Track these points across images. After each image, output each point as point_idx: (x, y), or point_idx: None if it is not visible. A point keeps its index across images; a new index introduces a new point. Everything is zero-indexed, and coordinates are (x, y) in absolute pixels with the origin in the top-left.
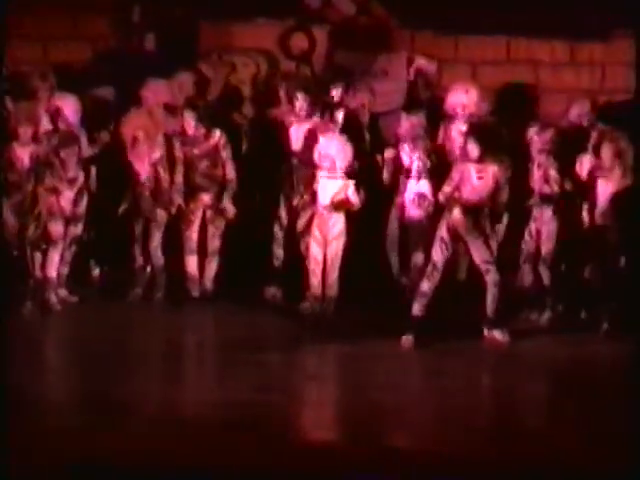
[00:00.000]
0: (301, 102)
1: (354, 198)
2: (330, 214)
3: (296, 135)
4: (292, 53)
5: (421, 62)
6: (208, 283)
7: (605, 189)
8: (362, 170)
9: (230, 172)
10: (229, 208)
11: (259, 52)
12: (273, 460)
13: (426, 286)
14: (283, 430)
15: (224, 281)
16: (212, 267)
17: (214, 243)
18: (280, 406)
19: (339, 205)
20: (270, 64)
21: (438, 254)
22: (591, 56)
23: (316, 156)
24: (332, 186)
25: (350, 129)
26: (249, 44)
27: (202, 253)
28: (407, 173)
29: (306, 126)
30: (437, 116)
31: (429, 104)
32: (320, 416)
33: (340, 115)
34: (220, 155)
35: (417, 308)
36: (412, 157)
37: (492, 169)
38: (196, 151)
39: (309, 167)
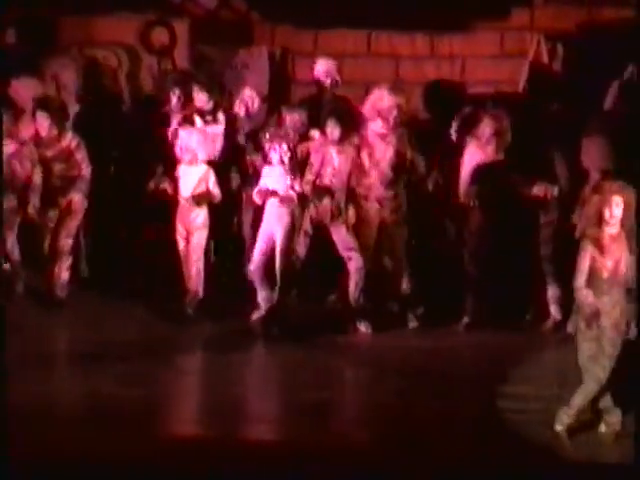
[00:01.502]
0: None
1: (215, 190)
2: (191, 206)
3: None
4: (153, 47)
5: (323, 62)
6: (65, 282)
7: (471, 161)
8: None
9: (84, 172)
10: (76, 198)
11: (120, 46)
12: (134, 452)
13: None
14: (146, 423)
15: (92, 281)
16: (67, 267)
17: (67, 243)
18: (143, 400)
19: (200, 199)
20: (131, 58)
21: (302, 247)
22: (451, 49)
23: (178, 150)
24: (193, 178)
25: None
26: (110, 38)
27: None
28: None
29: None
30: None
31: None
32: (184, 410)
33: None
34: (75, 158)
35: (281, 298)
36: (278, 152)
37: (350, 150)
38: (49, 153)
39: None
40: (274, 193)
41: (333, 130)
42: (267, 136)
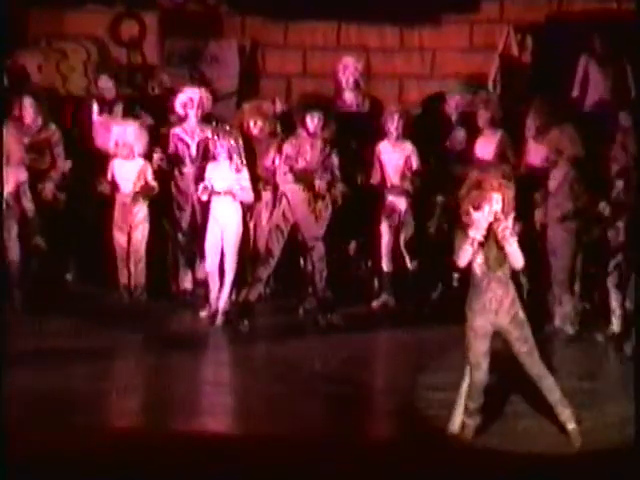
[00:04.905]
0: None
1: (153, 183)
2: (134, 201)
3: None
4: (122, 40)
5: (348, 60)
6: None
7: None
8: None
9: (60, 165)
10: (47, 188)
11: (89, 39)
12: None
13: (262, 272)
14: (103, 417)
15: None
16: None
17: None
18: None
19: (143, 194)
20: (100, 51)
21: (274, 242)
22: (421, 41)
23: (112, 145)
24: (131, 173)
25: None
26: (79, 31)
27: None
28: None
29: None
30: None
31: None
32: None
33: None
34: (52, 151)
35: (253, 294)
36: (225, 147)
37: (320, 144)
38: (25, 140)
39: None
40: (221, 190)
41: (317, 123)
42: (210, 133)
